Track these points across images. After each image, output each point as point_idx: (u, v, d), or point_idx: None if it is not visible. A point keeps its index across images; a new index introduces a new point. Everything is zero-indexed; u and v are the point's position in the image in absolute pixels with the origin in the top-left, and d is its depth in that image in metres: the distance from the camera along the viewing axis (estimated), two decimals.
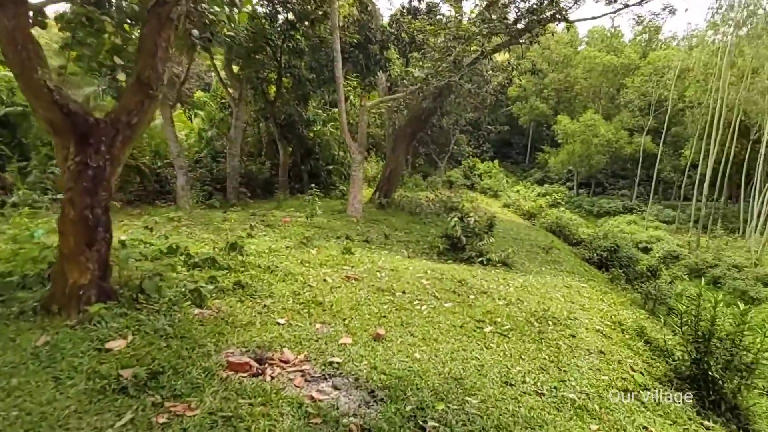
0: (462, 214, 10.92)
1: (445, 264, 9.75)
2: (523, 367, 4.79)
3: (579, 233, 24.24)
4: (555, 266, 12.73)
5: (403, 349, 4.63)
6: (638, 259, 17.76)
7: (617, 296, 10.57)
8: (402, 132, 18.49)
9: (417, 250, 11.50)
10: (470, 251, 10.44)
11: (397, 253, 10.71)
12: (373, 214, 16.37)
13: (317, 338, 4.61)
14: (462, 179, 45.13)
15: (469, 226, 10.71)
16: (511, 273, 9.92)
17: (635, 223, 39.51)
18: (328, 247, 9.38)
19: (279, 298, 5.62)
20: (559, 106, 58.13)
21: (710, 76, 38.49)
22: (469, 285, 7.55)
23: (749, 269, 24.23)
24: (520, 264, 11.58)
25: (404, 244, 12.02)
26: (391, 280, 7.11)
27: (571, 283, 9.79)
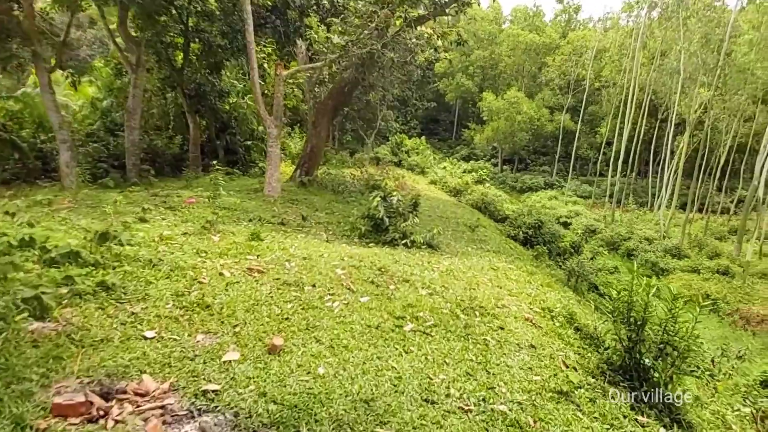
0: (385, 193, 10.15)
1: (366, 248, 8.97)
2: (447, 375, 4.11)
3: (504, 209, 24.44)
4: (481, 245, 12.37)
5: (304, 363, 3.79)
6: (561, 235, 18.02)
7: (543, 276, 10.32)
8: (323, 106, 17.36)
9: (337, 232, 10.64)
10: (394, 233, 9.74)
11: (315, 236, 9.80)
12: (293, 193, 15.28)
13: (194, 355, 3.65)
14: (389, 156, 44.57)
15: (392, 206, 9.97)
16: (437, 255, 9.33)
17: (556, 199, 40.91)
18: (235, 233, 8.30)
19: (155, 301, 4.56)
20: (485, 83, 58.88)
21: (624, 57, 40.12)
22: (390, 273, 6.81)
23: (658, 241, 25.61)
24: (445, 245, 11.06)
25: (324, 226, 11.12)
26: (301, 270, 6.21)
27: (498, 264, 9.36)
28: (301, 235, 9.67)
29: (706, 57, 26.90)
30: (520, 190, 47.50)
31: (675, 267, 21.51)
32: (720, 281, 19.43)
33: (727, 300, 17.63)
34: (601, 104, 51.00)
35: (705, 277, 20.07)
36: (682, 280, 19.85)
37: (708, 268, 20.72)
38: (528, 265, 11.52)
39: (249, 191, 14.71)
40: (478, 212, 22.29)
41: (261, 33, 18.75)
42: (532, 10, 61.02)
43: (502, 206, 24.70)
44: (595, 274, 13.23)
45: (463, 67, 58.16)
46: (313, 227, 10.84)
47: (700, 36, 27.02)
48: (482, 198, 24.43)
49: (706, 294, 18.16)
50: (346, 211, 13.55)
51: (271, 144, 13.90)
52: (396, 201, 9.94)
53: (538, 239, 16.92)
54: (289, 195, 14.68)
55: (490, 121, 50.67)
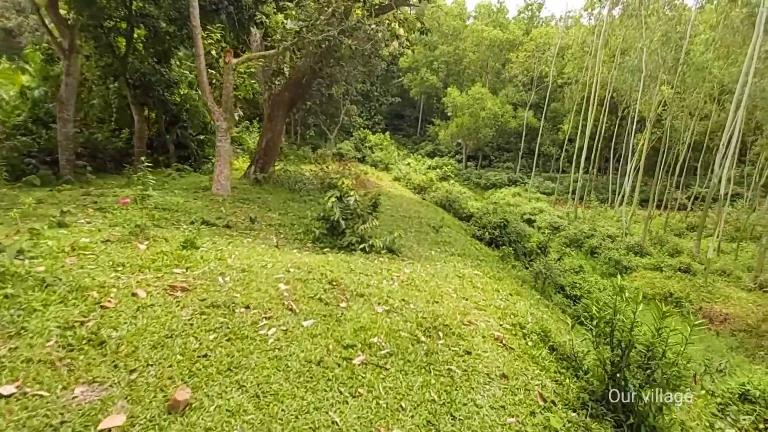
0: (341, 193, 9.27)
1: (319, 255, 8.08)
2: (404, 426, 3.30)
3: (468, 207, 23.92)
4: (446, 248, 11.66)
5: (215, 426, 2.90)
6: (527, 234, 17.56)
7: (511, 282, 9.70)
8: (280, 98, 16.29)
9: (290, 235, 9.70)
10: (351, 236, 8.88)
11: (263, 241, 8.84)
12: (246, 192, 14.21)
13: (60, 422, 2.71)
14: (353, 151, 43.67)
15: (348, 208, 9.10)
16: (397, 261, 8.53)
17: (519, 195, 40.88)
18: (168, 239, 7.27)
19: (33, 337, 3.56)
20: (449, 78, 58.58)
21: (586, 55, 40.35)
22: (343, 286, 5.95)
23: (620, 239, 25.64)
24: (408, 248, 10.28)
25: (275, 228, 10.15)
26: (236, 287, 5.28)
27: (464, 270, 8.64)
28: (247, 240, 8.70)
29: (666, 55, 27.13)
30: (485, 187, 47.37)
31: (638, 265, 21.46)
32: (682, 279, 19.43)
33: (690, 299, 17.59)
34: (563, 101, 51.45)
35: (667, 275, 20.06)
36: (645, 279, 19.76)
37: (670, 266, 20.75)
38: (494, 270, 10.88)
39: (197, 189, 13.58)
40: (442, 210, 21.67)
41: (213, 20, 17.53)
42: (496, 6, 61.05)
43: (466, 204, 24.17)
44: (563, 276, 12.74)
45: (427, 62, 57.65)
46: (263, 230, 9.86)
47: (660, 34, 27.20)
48: (447, 196, 23.84)
49: (669, 293, 18.08)
50: (302, 211, 12.61)
51: (220, 138, 12.80)
52: (353, 202, 9.07)
53: (504, 239, 16.39)
54: (241, 194, 13.60)
55: (454, 117, 50.33)
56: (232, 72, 12.46)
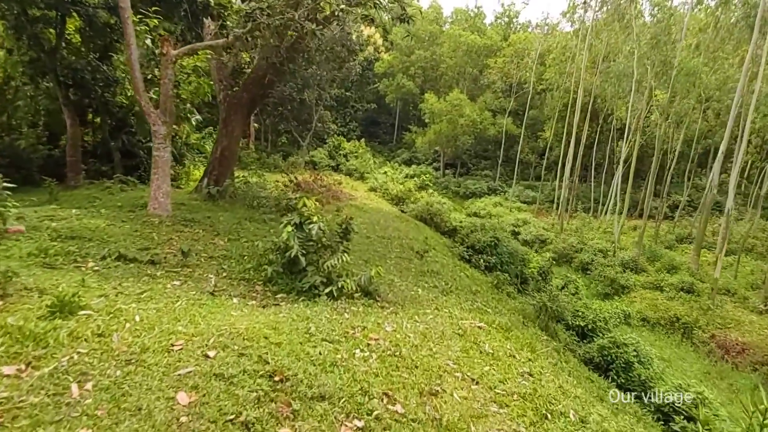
0: (302, 218, 7.09)
1: (267, 309, 5.90)
2: None
3: (451, 220, 21.97)
4: (434, 281, 9.58)
5: None
6: (520, 253, 15.63)
7: (520, 331, 7.66)
8: (237, 99, 14.05)
9: (235, 274, 7.45)
10: (314, 276, 6.72)
11: (196, 285, 6.61)
12: (194, 210, 11.90)
13: None
14: (326, 159, 41.48)
15: (310, 239, 6.93)
16: (374, 311, 6.39)
17: (500, 205, 39.27)
18: (44, 291, 5.02)
19: None
20: (426, 84, 56.99)
21: (568, 60, 39.15)
22: (291, 381, 3.78)
23: (612, 253, 24.05)
24: (388, 285, 8.16)
25: (218, 263, 7.89)
26: (99, 403, 3.07)
27: (463, 323, 6.53)
28: (173, 283, 6.46)
29: (655, 59, 25.83)
30: (464, 196, 45.63)
31: (635, 283, 19.77)
32: (686, 301, 17.79)
33: (699, 324, 15.91)
34: (542, 108, 50.26)
35: (669, 295, 18.41)
36: (645, 300, 18.06)
37: (671, 285, 19.10)
38: (494, 308, 8.86)
39: (133, 208, 11.21)
40: (423, 226, 19.64)
41: (161, 7, 15.22)
42: (474, 11, 59.81)
43: (449, 217, 22.19)
44: (569, 307, 10.81)
45: (403, 68, 55.87)
46: (200, 265, 7.60)
47: (650, 37, 25.88)
48: (428, 208, 21.81)
49: (675, 317, 16.38)
50: (260, 234, 10.38)
51: (157, 146, 10.52)
52: (317, 231, 6.90)
53: (495, 260, 14.44)
54: (187, 212, 11.29)
55: (432, 124, 48.56)
56: (171, 65, 10.19)
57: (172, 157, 20.84)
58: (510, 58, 49.20)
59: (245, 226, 10.98)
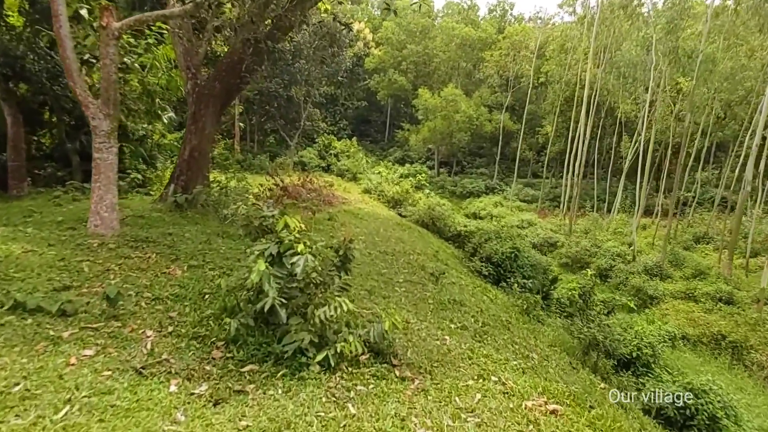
0: (282, 248, 4.84)
1: (220, 408, 3.67)
2: None
3: (456, 224, 19.87)
4: (459, 316, 7.39)
5: None
6: (542, 265, 13.52)
7: (609, 413, 5.50)
8: (208, 90, 11.77)
9: (184, 328, 5.16)
10: (300, 333, 4.52)
11: (120, 351, 4.39)
12: (153, 224, 9.63)
13: None
14: (316, 160, 39.27)
15: (293, 278, 4.71)
16: (392, 394, 4.17)
17: (501, 205, 37.23)
18: None
19: None
20: (418, 80, 54.85)
21: (570, 51, 37.20)
22: None
23: (631, 256, 22.04)
24: (404, 334, 5.95)
25: (164, 309, 5.59)
26: None
27: (531, 411, 4.33)
28: (86, 352, 4.24)
29: (670, 46, 23.92)
30: (461, 196, 43.60)
31: (665, 293, 17.78)
32: (727, 314, 15.80)
33: (750, 343, 13.93)
34: (540, 104, 48.29)
35: (706, 306, 16.42)
36: (680, 313, 16.07)
37: (706, 295, 17.10)
38: (564, 376, 6.71)
39: (75, 224, 8.89)
40: (427, 233, 17.52)
41: None
42: (467, 3, 57.71)
43: (453, 221, 20.07)
44: (621, 340, 8.68)
45: (395, 63, 53.65)
46: (139, 314, 5.33)
47: (665, 21, 23.91)
48: (429, 213, 19.67)
49: (720, 334, 14.38)
50: (233, 257, 8.14)
51: (98, 146, 8.26)
52: (303, 267, 4.66)
53: (515, 274, 12.32)
54: (140, 229, 9.00)
55: (426, 121, 46.41)
56: (113, 42, 7.90)
57: (142, 160, 18.61)
58: (506, 51, 47.15)
59: (215, 246, 8.71)
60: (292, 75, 36.02)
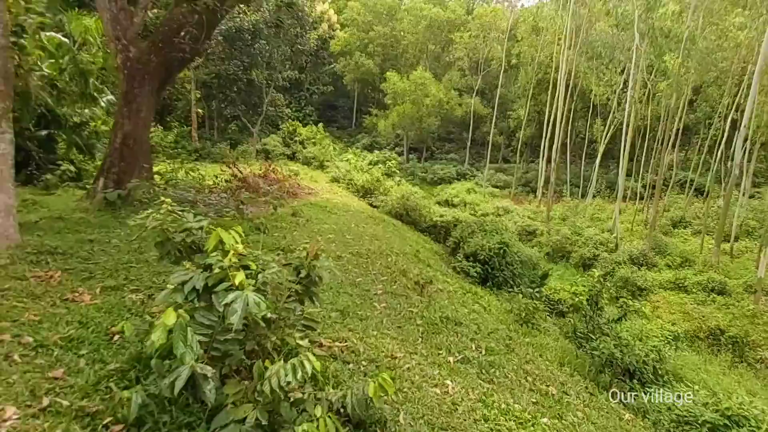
0: (211, 280, 3.23)
1: None
2: None
3: (431, 215, 18.51)
4: (457, 340, 5.93)
5: None
6: (532, 260, 12.26)
7: None
8: (143, 64, 9.88)
9: (68, 401, 3.49)
10: (242, 410, 2.95)
11: None
12: (73, 228, 7.80)
13: None
14: (281, 147, 37.20)
15: (228, 331, 3.11)
16: None
17: (474, 191, 36.07)
18: None
19: None
20: (386, 63, 53.00)
21: (543, 31, 36.11)
22: None
23: (612, 244, 21.14)
24: (394, 389, 4.41)
25: (41, 372, 3.85)
26: None
27: None
28: None
29: (650, 23, 22.98)
30: (432, 182, 42.30)
31: (653, 283, 16.89)
32: (722, 305, 14.97)
33: (752, 338, 13.06)
34: (510, 87, 47.25)
35: (698, 297, 15.57)
36: (672, 305, 15.16)
37: (697, 284, 16.26)
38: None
39: None
40: (403, 226, 16.07)
41: None
42: None
43: (429, 211, 18.67)
44: (637, 352, 7.40)
45: (361, 45, 51.59)
46: (5, 374, 3.64)
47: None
48: (403, 203, 18.19)
49: (717, 328, 13.47)
50: (166, 273, 6.45)
51: None
52: (240, 313, 3.05)
53: (507, 273, 11.01)
54: (50, 237, 7.17)
55: (395, 105, 44.74)
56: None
57: (78, 150, 16.42)
58: (476, 32, 45.76)
59: (147, 257, 6.98)
60: (252, 56, 33.73)
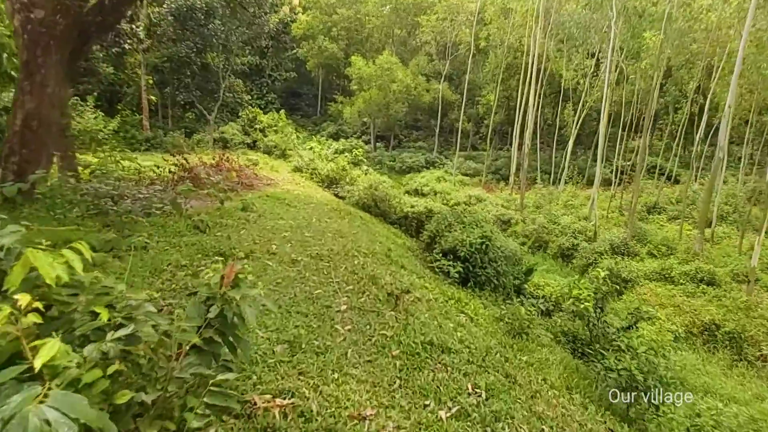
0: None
1: None
2: None
3: (402, 205, 17.06)
4: (446, 378, 4.46)
5: None
6: (517, 256, 10.99)
7: None
8: (47, 27, 7.99)
9: None
10: None
11: None
12: None
13: None
14: (240, 136, 35.04)
15: None
16: None
17: (444, 180, 34.82)
18: None
19: None
20: (351, 48, 51.05)
21: (513, 12, 34.94)
22: None
23: (590, 232, 20.19)
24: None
25: None
26: None
27: None
28: None
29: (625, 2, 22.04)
30: (400, 171, 40.85)
31: (638, 274, 15.93)
32: (714, 297, 14.08)
33: (750, 333, 12.17)
34: (478, 72, 46.09)
35: (687, 289, 14.64)
36: (661, 298, 14.18)
37: (684, 275, 15.35)
38: None
39: None
40: (370, 218, 14.58)
41: None
42: None
43: (399, 202, 17.22)
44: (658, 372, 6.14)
45: (325, 29, 49.45)
46: None
47: None
48: (371, 193, 16.68)
49: (712, 323, 12.52)
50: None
51: None
52: None
53: (489, 271, 9.67)
54: None
55: (360, 91, 42.99)
56: None
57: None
58: (444, 15, 44.28)
59: None
60: (206, 38, 31.34)
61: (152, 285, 5.22)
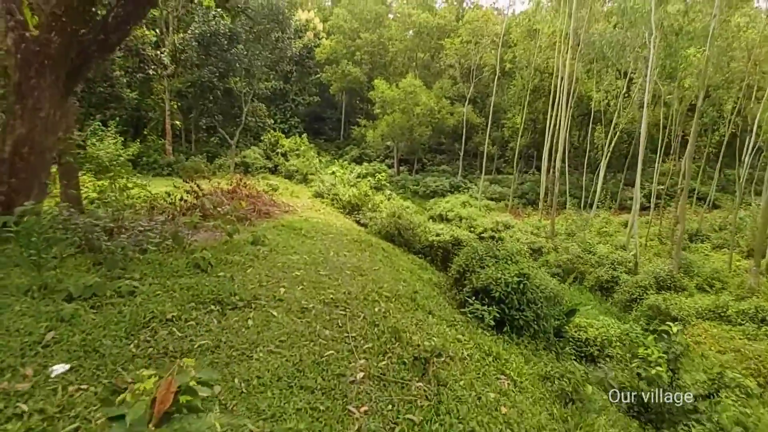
0: None
1: None
2: None
3: (426, 233, 16.00)
4: None
5: None
6: (558, 296, 9.79)
7: None
8: (41, 46, 7.35)
9: None
10: None
11: None
12: None
13: None
14: (261, 160, 34.66)
15: None
16: None
17: (469, 204, 33.64)
18: None
19: None
20: (374, 72, 50.88)
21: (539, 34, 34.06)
22: None
23: (630, 262, 18.72)
24: None
25: None
26: None
27: None
28: None
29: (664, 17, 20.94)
30: (424, 195, 39.85)
31: (689, 312, 14.45)
32: None
33: None
34: (502, 95, 45.12)
35: (746, 330, 13.15)
36: (719, 341, 12.68)
37: (742, 314, 13.83)
38: None
39: None
40: (394, 249, 13.54)
41: None
42: None
43: (424, 230, 16.15)
44: None
45: (348, 53, 49.41)
46: None
47: None
48: (395, 222, 15.66)
49: None
50: (15, 354, 3.86)
51: None
52: None
53: (528, 315, 8.51)
54: None
55: (384, 115, 42.44)
56: None
57: None
58: (468, 38, 43.69)
59: (7, 318, 4.37)
60: (229, 63, 31.24)
61: (123, 350, 4.25)
